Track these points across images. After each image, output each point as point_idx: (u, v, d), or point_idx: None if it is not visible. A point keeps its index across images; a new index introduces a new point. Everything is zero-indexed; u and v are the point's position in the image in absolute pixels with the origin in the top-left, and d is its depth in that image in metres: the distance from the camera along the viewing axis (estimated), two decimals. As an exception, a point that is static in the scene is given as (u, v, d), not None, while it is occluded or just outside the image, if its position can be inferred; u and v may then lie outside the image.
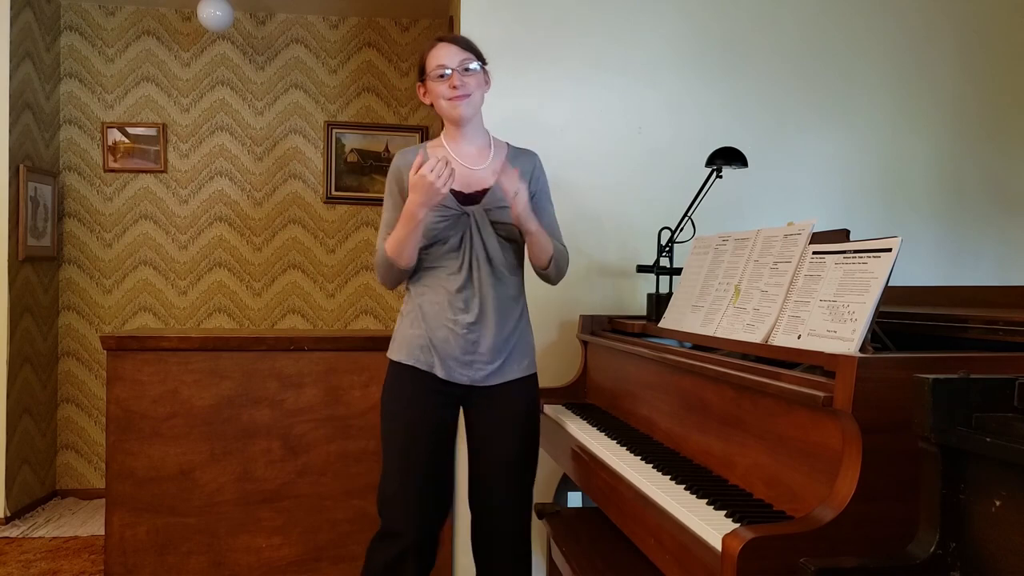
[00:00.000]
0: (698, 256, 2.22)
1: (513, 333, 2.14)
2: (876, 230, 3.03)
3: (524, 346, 2.18)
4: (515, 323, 2.15)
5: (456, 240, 2.08)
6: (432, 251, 2.09)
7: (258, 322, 4.76)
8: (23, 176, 4.10)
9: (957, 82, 3.15)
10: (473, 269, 2.08)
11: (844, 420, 1.26)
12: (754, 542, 1.19)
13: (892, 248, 1.41)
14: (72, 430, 4.61)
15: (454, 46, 2.08)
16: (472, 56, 2.09)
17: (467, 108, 2.08)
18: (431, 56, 2.09)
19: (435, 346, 2.08)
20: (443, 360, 2.08)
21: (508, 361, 2.12)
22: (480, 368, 2.09)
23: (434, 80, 2.07)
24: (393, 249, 2.04)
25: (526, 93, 2.96)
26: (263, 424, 2.87)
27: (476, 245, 2.08)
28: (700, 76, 3.04)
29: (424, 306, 2.10)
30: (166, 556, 2.83)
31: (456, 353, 2.07)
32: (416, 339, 2.10)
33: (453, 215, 2.06)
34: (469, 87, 2.07)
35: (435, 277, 2.10)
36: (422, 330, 2.10)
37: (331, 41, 4.77)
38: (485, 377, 2.10)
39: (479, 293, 2.07)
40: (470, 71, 2.07)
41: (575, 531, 2.33)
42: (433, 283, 2.10)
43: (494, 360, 2.10)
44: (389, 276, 2.11)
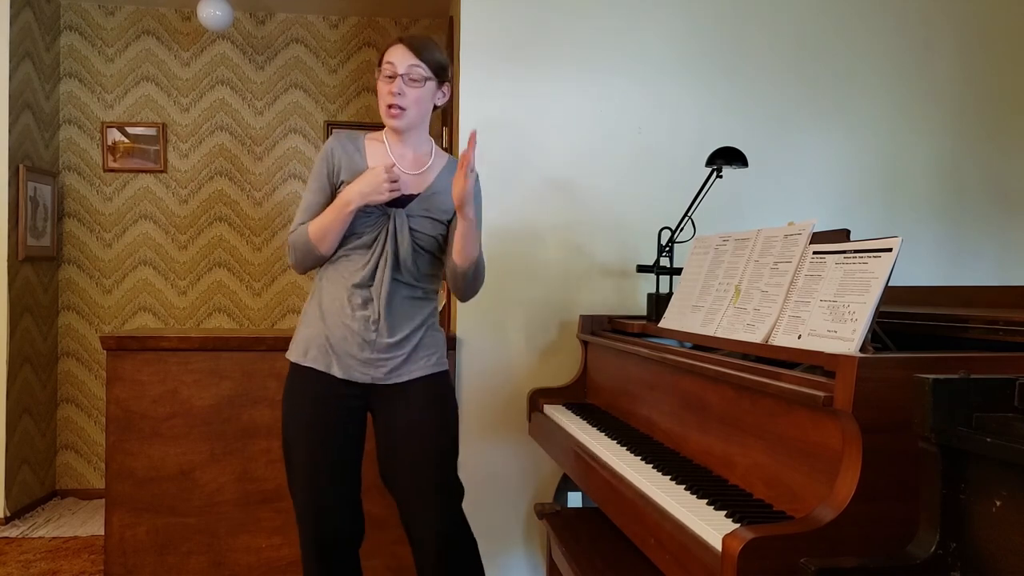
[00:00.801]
0: (698, 256, 2.22)
1: (416, 332, 2.09)
2: (876, 230, 3.03)
3: (429, 344, 2.12)
4: (420, 323, 2.10)
5: (370, 237, 2.05)
6: (344, 242, 2.06)
7: (258, 322, 4.76)
8: (23, 176, 4.10)
9: (957, 82, 3.15)
10: (379, 268, 2.04)
11: (844, 420, 1.26)
12: (754, 542, 1.19)
13: (892, 248, 1.41)
14: (72, 430, 4.61)
15: (409, 51, 2.03)
16: (424, 66, 2.03)
17: (399, 121, 2.05)
18: (387, 52, 2.06)
19: (332, 345, 2.05)
20: (341, 359, 2.05)
21: (411, 359, 2.08)
22: (380, 366, 2.05)
23: (382, 79, 2.05)
24: (317, 233, 2.02)
25: (526, 93, 2.96)
26: (263, 424, 2.87)
27: (388, 246, 2.04)
28: (700, 76, 3.04)
29: (324, 303, 2.08)
30: (166, 556, 2.83)
31: (354, 350, 2.04)
32: (314, 338, 2.07)
33: (375, 212, 2.04)
34: (407, 99, 2.03)
35: (340, 270, 2.07)
36: (319, 329, 2.07)
37: (331, 41, 4.77)
38: (386, 375, 2.06)
39: (381, 292, 2.03)
40: (416, 81, 2.03)
41: (575, 531, 2.33)
42: (336, 276, 2.07)
43: (394, 356, 2.05)
44: (306, 260, 2.07)
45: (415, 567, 2.16)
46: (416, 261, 2.08)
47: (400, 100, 2.02)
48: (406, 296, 2.08)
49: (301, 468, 2.08)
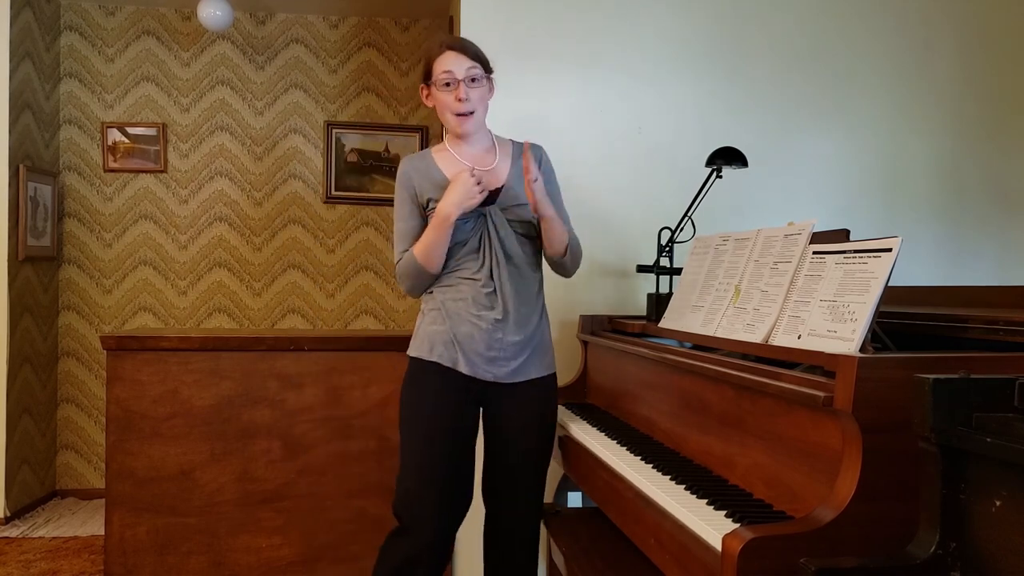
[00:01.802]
0: (698, 256, 2.22)
1: (536, 330, 2.15)
2: (876, 230, 3.03)
3: (545, 344, 2.20)
4: (537, 320, 2.16)
5: (476, 240, 2.09)
6: (451, 252, 2.09)
7: (258, 322, 4.76)
8: (23, 176, 4.10)
9: (957, 82, 3.15)
10: (494, 267, 2.08)
11: (844, 420, 1.26)
12: (754, 542, 1.19)
13: (892, 248, 1.41)
14: (72, 430, 4.61)
15: (462, 55, 2.07)
16: (478, 65, 2.09)
17: (470, 125, 2.11)
18: (438, 62, 2.08)
19: (459, 341, 2.07)
20: (467, 356, 2.07)
21: (530, 359, 2.13)
22: (503, 364, 2.09)
23: (440, 88, 2.08)
24: (423, 254, 2.05)
25: (526, 93, 2.96)
26: (263, 424, 2.87)
27: (495, 243, 2.08)
28: (700, 76, 3.04)
29: (447, 303, 2.10)
30: (166, 556, 2.83)
31: (480, 348, 2.07)
32: (440, 335, 2.09)
33: (471, 217, 2.07)
34: (474, 102, 2.08)
35: (456, 277, 2.10)
36: (446, 326, 2.09)
37: (331, 41, 4.77)
38: (508, 374, 2.10)
39: (502, 290, 2.08)
40: (476, 82, 2.08)
41: (575, 531, 2.33)
42: (455, 282, 2.10)
43: (518, 356, 2.10)
44: (419, 283, 2.11)
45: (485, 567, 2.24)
46: (523, 250, 2.14)
47: (467, 106, 2.07)
48: (525, 292, 2.13)
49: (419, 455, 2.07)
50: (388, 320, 4.82)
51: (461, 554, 2.91)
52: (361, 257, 4.79)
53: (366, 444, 2.91)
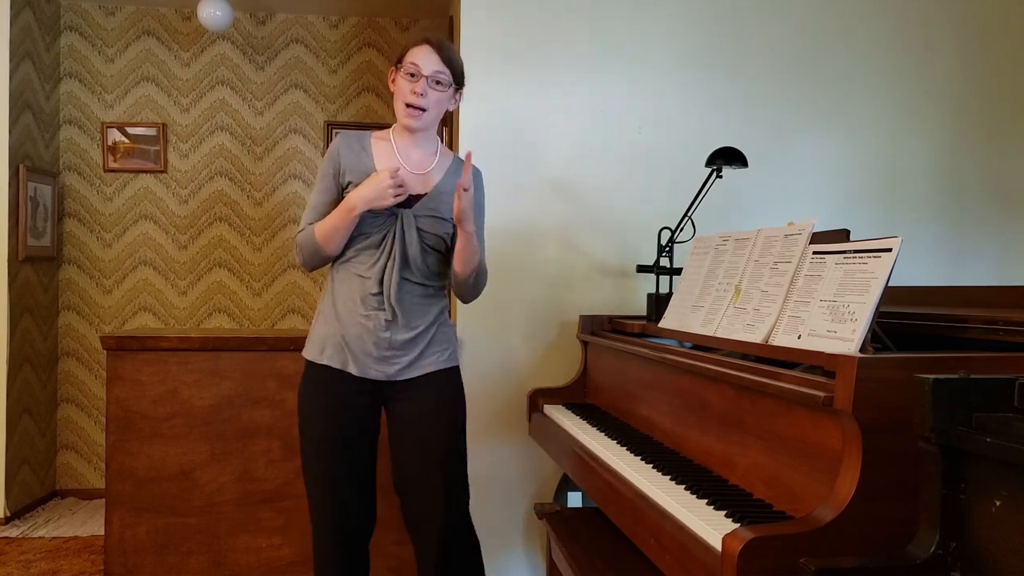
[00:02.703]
0: (698, 256, 2.22)
1: (429, 328, 2.11)
2: (876, 230, 3.03)
3: (441, 339, 2.14)
4: (432, 319, 2.12)
5: (379, 237, 2.06)
6: (352, 242, 2.08)
7: (258, 322, 4.76)
8: (23, 176, 4.10)
9: (957, 82, 3.15)
10: (387, 269, 2.06)
11: (844, 420, 1.26)
12: (754, 542, 1.19)
13: (892, 248, 1.41)
14: (72, 430, 4.61)
15: (436, 54, 2.05)
16: (448, 72, 2.06)
17: (417, 121, 2.07)
18: (412, 51, 2.07)
19: (348, 343, 2.07)
20: (356, 357, 2.07)
21: (423, 355, 2.10)
22: (394, 362, 2.07)
23: (403, 76, 2.06)
24: (323, 235, 2.04)
25: (526, 93, 2.96)
26: (263, 424, 2.87)
27: (396, 246, 2.05)
28: (700, 76, 3.04)
29: (338, 303, 2.10)
30: (166, 556, 2.83)
31: (369, 348, 2.06)
32: (330, 337, 2.10)
33: (383, 213, 2.05)
34: (429, 101, 2.05)
35: (351, 272, 2.09)
36: (335, 328, 2.09)
37: (331, 41, 4.77)
38: (399, 371, 2.08)
39: (388, 292, 2.05)
40: (440, 84, 2.05)
41: (575, 531, 2.33)
42: (348, 278, 2.09)
43: (409, 352, 2.08)
44: (313, 259, 2.10)
45: (417, 567, 2.17)
46: (425, 260, 2.10)
47: (422, 101, 2.04)
48: (417, 295, 2.10)
49: (318, 463, 2.10)
50: (388, 320, 4.81)
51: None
52: (361, 257, 4.79)
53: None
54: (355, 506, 2.13)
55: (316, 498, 2.12)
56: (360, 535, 2.15)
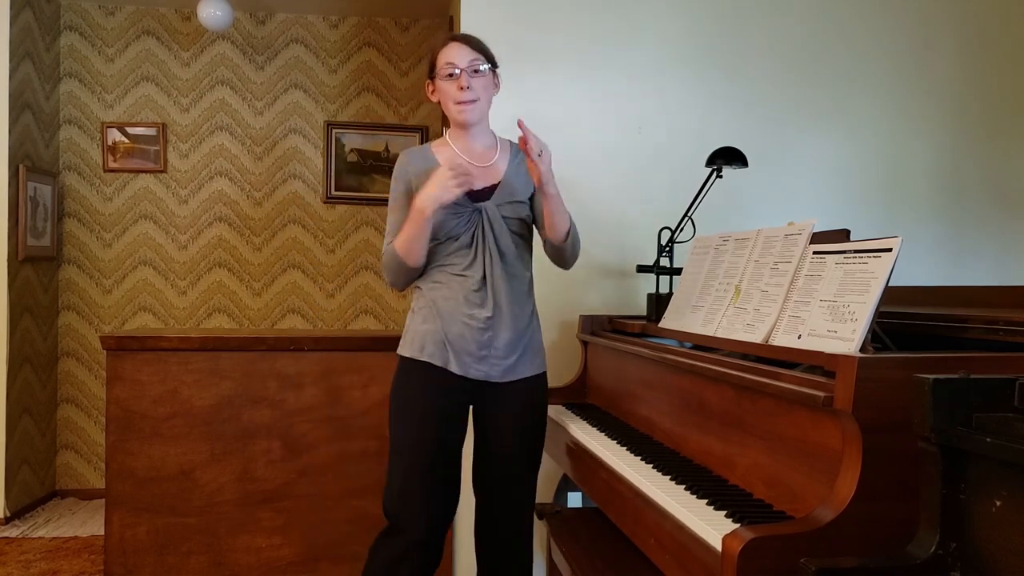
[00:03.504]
0: (698, 256, 2.22)
1: (527, 329, 2.14)
2: (876, 230, 3.03)
3: (536, 344, 2.18)
4: (528, 319, 2.15)
5: (468, 236, 2.07)
6: (443, 248, 2.08)
7: (258, 322, 4.76)
8: (23, 176, 4.10)
9: (957, 82, 3.15)
10: (487, 265, 2.07)
11: (844, 420, 1.26)
12: (754, 542, 1.19)
13: (892, 248, 1.41)
14: (72, 430, 4.61)
15: (465, 46, 2.08)
16: (482, 57, 2.09)
17: (472, 114, 2.09)
18: (442, 54, 2.09)
19: (450, 341, 2.06)
20: (458, 355, 2.06)
21: (522, 358, 2.12)
22: (495, 364, 2.08)
23: (443, 79, 2.08)
24: (403, 247, 2.03)
25: (526, 93, 2.96)
26: (263, 424, 2.87)
27: (489, 241, 2.07)
28: (700, 76, 3.04)
29: (438, 302, 2.09)
30: (166, 556, 2.83)
31: (472, 348, 2.06)
32: (431, 334, 2.08)
33: (465, 211, 2.06)
34: (476, 91, 2.07)
35: (448, 274, 2.09)
36: (437, 325, 2.08)
37: (331, 41, 4.77)
38: (500, 373, 2.09)
39: (493, 288, 2.06)
40: (479, 72, 2.08)
41: (575, 531, 2.33)
42: (446, 279, 2.09)
43: (509, 356, 2.09)
44: (399, 276, 2.10)
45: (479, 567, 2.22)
46: (516, 247, 2.12)
47: (469, 94, 2.06)
48: (517, 290, 2.11)
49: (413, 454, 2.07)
50: (388, 320, 4.82)
51: (460, 552, 2.91)
52: (361, 257, 4.79)
53: (366, 444, 2.91)
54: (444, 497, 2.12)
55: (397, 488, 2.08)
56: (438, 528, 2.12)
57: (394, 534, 2.09)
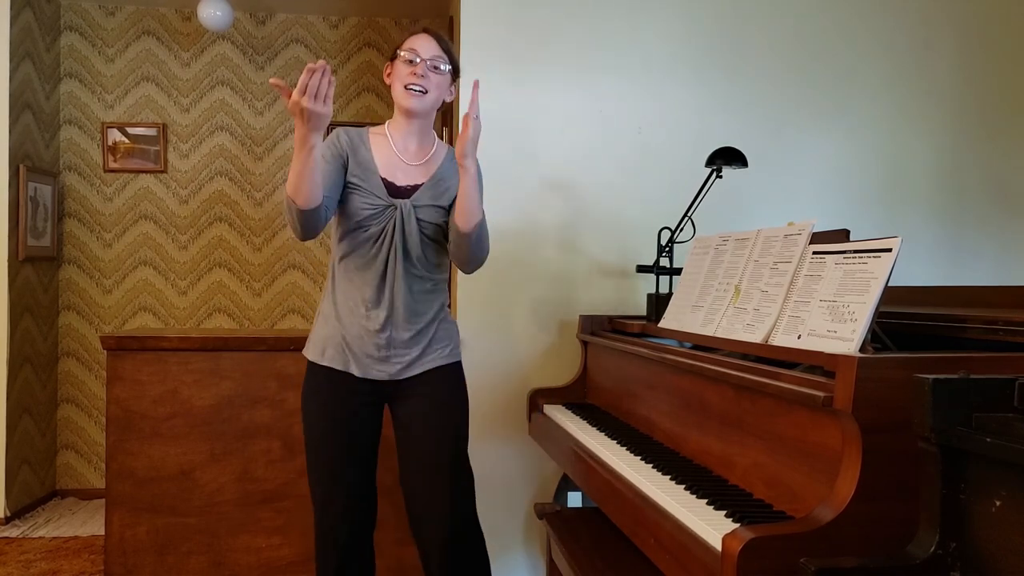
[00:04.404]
0: (698, 256, 2.22)
1: (430, 325, 2.11)
2: (876, 230, 3.03)
3: (442, 335, 2.14)
4: (432, 317, 2.12)
5: (377, 230, 2.05)
6: (353, 237, 2.07)
7: (258, 322, 4.76)
8: (23, 176, 4.10)
9: (957, 82, 3.15)
10: (389, 261, 2.05)
11: (844, 420, 1.26)
12: (754, 542, 1.19)
13: (892, 248, 1.41)
14: (72, 430, 4.61)
15: (433, 41, 2.08)
16: (446, 57, 2.08)
17: (417, 103, 2.05)
18: (408, 40, 2.08)
19: (348, 344, 2.07)
20: (358, 358, 2.07)
21: (426, 351, 2.10)
22: (395, 362, 2.08)
23: (402, 62, 2.06)
24: (291, 185, 1.89)
25: (526, 93, 2.96)
26: (263, 424, 2.87)
27: (396, 238, 2.05)
28: (700, 76, 3.04)
29: (339, 303, 2.10)
30: (166, 556, 2.83)
31: (370, 350, 2.06)
32: (331, 339, 2.10)
33: (380, 205, 2.05)
34: (428, 84, 2.05)
35: (353, 269, 2.08)
36: (336, 329, 2.09)
37: (331, 41, 4.77)
38: (401, 370, 2.08)
39: (392, 287, 2.05)
40: (438, 70, 2.07)
41: (575, 531, 2.33)
42: (351, 275, 2.09)
43: (410, 351, 2.08)
44: (292, 220, 1.95)
45: (422, 563, 2.16)
46: (424, 251, 2.09)
47: (422, 82, 2.04)
48: (419, 289, 2.10)
49: (323, 461, 2.09)
50: (388, 320, 4.81)
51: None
52: (361, 257, 4.79)
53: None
54: (358, 504, 2.13)
55: (318, 497, 2.12)
56: (361, 534, 2.15)
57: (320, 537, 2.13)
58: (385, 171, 2.09)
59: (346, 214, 2.08)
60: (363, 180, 2.06)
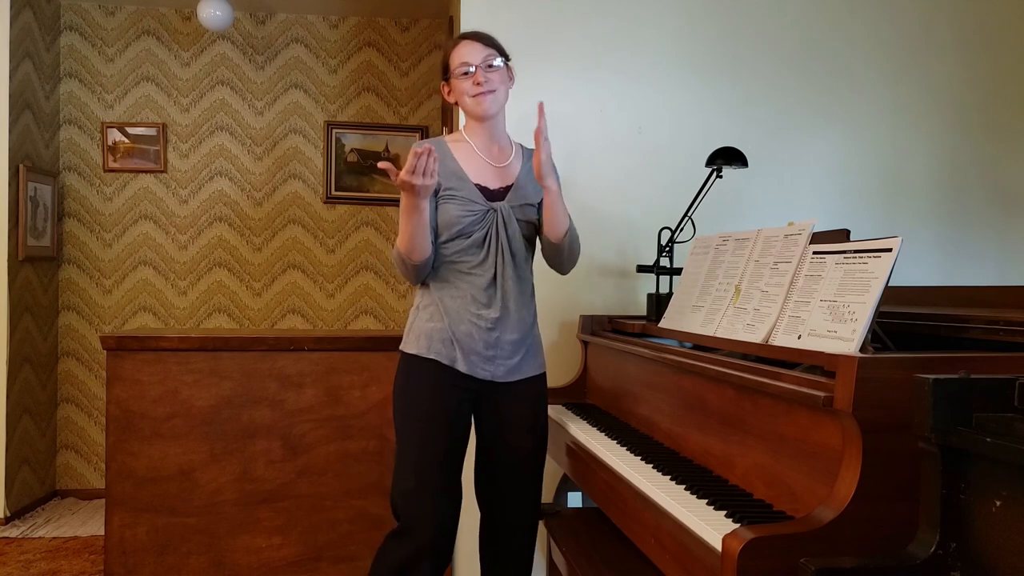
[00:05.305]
0: (698, 256, 2.22)
1: (531, 330, 2.15)
2: (876, 230, 3.03)
3: (538, 344, 2.19)
4: (532, 320, 2.16)
5: (481, 235, 2.06)
6: (454, 245, 2.07)
7: (258, 322, 4.76)
8: (23, 176, 4.10)
9: (957, 82, 3.15)
10: (498, 265, 2.07)
11: (844, 420, 1.26)
12: (754, 542, 1.19)
13: (892, 248, 1.41)
14: (72, 430, 4.61)
15: (477, 43, 2.08)
16: (495, 52, 2.09)
17: (491, 104, 2.09)
18: (455, 54, 2.09)
19: (458, 340, 2.05)
20: (466, 355, 2.05)
21: (525, 358, 2.13)
22: (501, 364, 2.08)
23: (458, 78, 2.08)
24: (403, 244, 2.01)
25: (526, 93, 2.95)
26: (263, 424, 2.87)
27: (502, 241, 2.07)
28: (700, 76, 3.04)
29: (445, 300, 2.08)
30: (166, 556, 2.83)
31: (479, 348, 2.05)
32: (437, 332, 2.07)
33: (480, 210, 2.06)
34: (493, 83, 2.08)
35: (457, 271, 2.08)
36: (444, 323, 2.06)
37: (331, 41, 4.77)
38: (505, 373, 2.09)
39: (503, 289, 2.07)
40: (493, 67, 2.08)
41: (575, 531, 2.33)
42: (454, 278, 2.08)
43: (514, 356, 2.10)
44: (406, 272, 2.08)
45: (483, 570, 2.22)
46: (525, 249, 2.13)
47: (487, 86, 2.06)
48: (523, 291, 2.12)
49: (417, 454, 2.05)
50: (388, 320, 4.82)
51: (460, 554, 2.91)
52: (361, 257, 4.79)
53: (366, 444, 2.91)
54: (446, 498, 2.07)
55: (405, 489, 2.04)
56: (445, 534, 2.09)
57: (403, 535, 2.05)
58: (477, 177, 2.10)
59: (445, 223, 2.06)
60: (458, 189, 2.07)
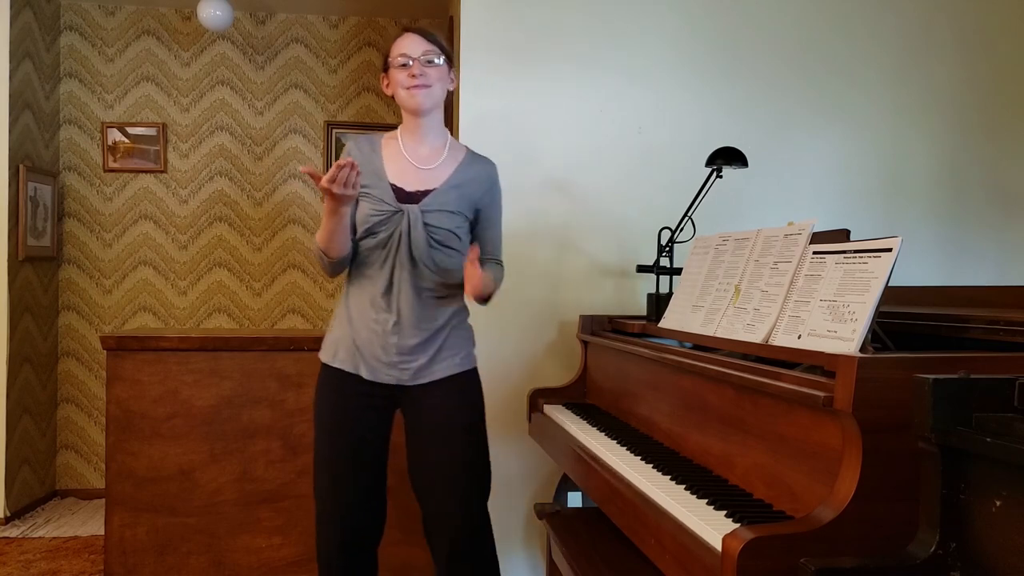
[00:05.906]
0: (698, 256, 2.22)
1: (439, 334, 2.09)
2: (876, 230, 3.03)
3: (457, 343, 2.13)
4: (443, 323, 2.10)
5: (385, 235, 2.04)
6: (364, 243, 2.08)
7: (258, 322, 4.76)
8: (23, 176, 4.10)
9: (957, 82, 3.15)
10: (396, 268, 2.05)
11: (844, 420, 1.26)
12: (754, 542, 1.19)
13: (892, 248, 1.41)
14: (72, 430, 4.61)
15: (419, 37, 2.07)
16: (437, 49, 2.07)
17: (425, 98, 2.05)
18: (395, 45, 2.08)
19: (359, 347, 2.07)
20: (367, 361, 2.07)
21: (436, 359, 2.08)
22: (404, 367, 2.06)
23: (396, 68, 2.06)
24: (321, 240, 2.03)
25: (526, 93, 2.96)
26: (263, 424, 2.87)
27: (403, 244, 2.04)
28: (700, 76, 3.04)
29: (351, 305, 2.11)
30: (166, 556, 2.83)
31: (378, 353, 2.05)
32: (342, 340, 2.10)
33: (388, 211, 2.04)
34: (430, 78, 2.04)
35: (363, 274, 2.09)
36: (347, 331, 2.09)
37: (331, 41, 4.77)
38: (411, 376, 2.07)
39: (399, 293, 2.05)
40: (432, 64, 2.05)
41: (575, 531, 2.33)
42: (361, 280, 2.10)
43: (418, 358, 2.06)
44: (323, 266, 2.10)
45: (434, 566, 2.17)
46: (434, 258, 2.06)
47: (422, 79, 2.03)
48: (427, 296, 2.08)
49: (326, 464, 2.10)
50: (388, 320, 4.81)
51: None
52: (361, 257, 4.79)
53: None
54: (361, 508, 2.12)
55: (322, 498, 2.11)
56: (366, 538, 2.14)
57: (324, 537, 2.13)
58: (395, 177, 2.09)
59: (358, 220, 2.07)
60: (373, 187, 2.07)
